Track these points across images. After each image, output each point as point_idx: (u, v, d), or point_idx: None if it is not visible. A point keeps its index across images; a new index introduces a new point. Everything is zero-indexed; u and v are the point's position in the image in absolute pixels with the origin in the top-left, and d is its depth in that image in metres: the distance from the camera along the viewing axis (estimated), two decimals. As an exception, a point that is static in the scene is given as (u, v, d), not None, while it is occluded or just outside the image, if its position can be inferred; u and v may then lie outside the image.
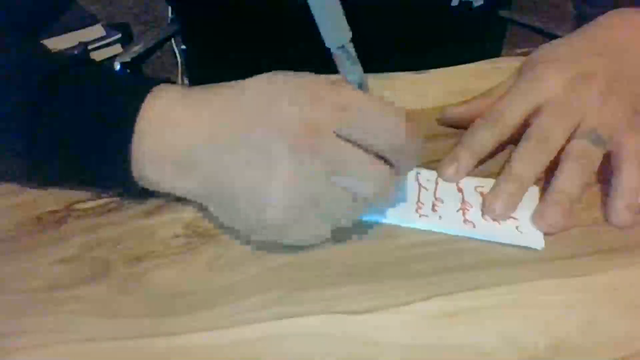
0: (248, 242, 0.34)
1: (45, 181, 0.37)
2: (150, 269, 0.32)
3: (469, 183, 0.37)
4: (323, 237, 0.32)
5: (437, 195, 0.37)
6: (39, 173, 0.36)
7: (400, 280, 0.31)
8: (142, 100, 0.32)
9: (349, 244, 0.34)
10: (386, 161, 0.31)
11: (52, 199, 0.37)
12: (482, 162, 0.39)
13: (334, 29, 0.29)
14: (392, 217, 0.35)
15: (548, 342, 0.28)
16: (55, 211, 0.36)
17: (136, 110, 0.32)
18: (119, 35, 1.50)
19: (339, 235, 0.34)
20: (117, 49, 1.49)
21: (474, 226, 0.34)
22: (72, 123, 0.33)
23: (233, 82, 0.33)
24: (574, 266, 0.32)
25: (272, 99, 0.31)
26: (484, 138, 0.38)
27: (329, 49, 0.32)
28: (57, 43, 1.36)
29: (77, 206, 0.36)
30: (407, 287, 0.31)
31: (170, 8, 1.00)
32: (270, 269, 0.32)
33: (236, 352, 0.28)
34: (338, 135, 0.30)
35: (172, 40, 1.41)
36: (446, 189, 0.37)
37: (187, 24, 0.74)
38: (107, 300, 0.31)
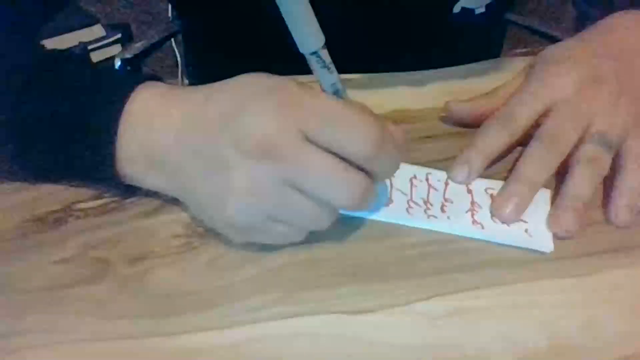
0: (248, 242, 0.34)
1: (37, 178, 0.37)
2: (150, 269, 0.32)
3: (479, 184, 0.37)
4: (297, 239, 0.32)
5: (446, 196, 0.36)
6: (29, 170, 0.36)
7: (400, 280, 0.31)
8: (123, 102, 0.33)
9: (349, 244, 0.34)
10: (364, 170, 0.30)
11: (52, 199, 0.37)
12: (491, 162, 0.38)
13: (306, 35, 0.29)
14: (400, 217, 0.35)
15: (548, 342, 0.28)
16: (55, 211, 0.36)
17: (118, 113, 0.33)
18: (119, 35, 1.50)
19: (339, 235, 0.34)
20: (117, 49, 1.49)
21: (483, 228, 0.34)
22: (56, 118, 0.33)
23: (208, 85, 0.33)
24: (574, 266, 0.32)
25: (239, 106, 0.30)
26: (496, 139, 0.38)
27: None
28: (57, 43, 1.36)
29: (77, 206, 0.36)
30: (407, 287, 0.31)
31: (170, 8, 1.00)
32: (270, 269, 0.32)
33: (236, 352, 0.28)
34: (310, 142, 0.29)
35: (172, 40, 1.41)
36: (456, 190, 0.37)
37: (187, 23, 0.74)
38: (107, 300, 0.31)
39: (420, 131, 0.43)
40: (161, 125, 0.32)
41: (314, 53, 0.30)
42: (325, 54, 0.30)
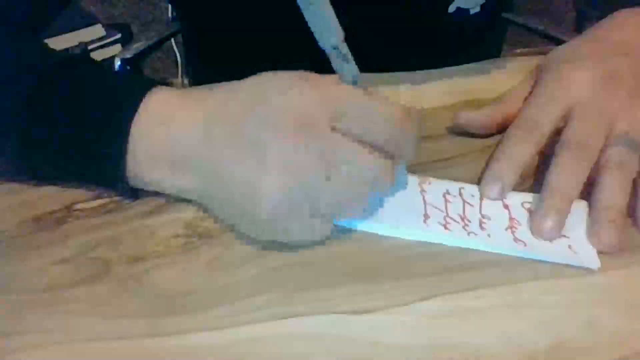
0: (248, 242, 0.34)
1: (40, 179, 0.37)
2: (150, 269, 0.32)
3: (515, 199, 0.36)
4: (324, 233, 0.32)
5: (483, 212, 0.35)
6: (34, 172, 0.36)
7: (400, 280, 0.31)
8: (138, 102, 0.33)
9: (349, 244, 0.34)
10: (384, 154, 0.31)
11: (52, 199, 0.37)
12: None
13: (326, 30, 0.29)
14: (439, 234, 0.34)
15: (548, 342, 0.28)
16: (55, 211, 0.36)
17: (132, 113, 0.32)
18: (119, 35, 1.51)
19: (339, 235, 0.34)
20: (117, 49, 1.49)
21: (525, 245, 0.33)
22: (67, 123, 0.33)
23: (229, 82, 0.33)
24: (574, 266, 0.32)
25: (263, 93, 0.31)
26: (523, 150, 0.36)
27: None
28: (57, 43, 1.36)
29: (77, 206, 0.36)
30: (407, 287, 0.31)
31: (170, 8, 1.00)
32: (270, 269, 0.32)
33: (236, 352, 0.28)
34: (332, 129, 0.30)
35: (172, 40, 1.41)
36: (491, 205, 0.36)
37: (187, 23, 0.74)
38: (107, 300, 0.31)
39: (421, 131, 0.43)
40: (183, 125, 0.32)
41: (335, 47, 0.30)
42: (344, 48, 0.30)
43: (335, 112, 0.30)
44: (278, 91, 0.30)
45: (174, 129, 0.32)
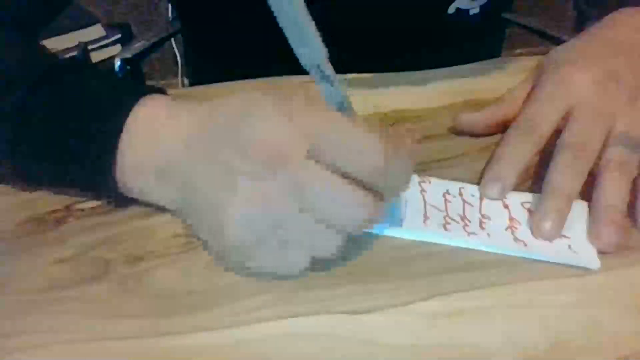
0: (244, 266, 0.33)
1: (33, 184, 0.37)
2: (150, 269, 0.32)
3: (515, 199, 0.36)
4: (298, 267, 0.30)
5: (483, 212, 0.35)
6: (24, 179, 0.36)
7: (400, 280, 0.31)
8: (127, 112, 0.33)
9: (349, 244, 0.33)
10: (370, 189, 0.29)
11: (52, 199, 0.37)
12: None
13: (307, 48, 0.28)
14: (438, 234, 0.34)
15: (548, 342, 0.28)
16: (55, 211, 0.36)
17: (121, 122, 0.32)
18: (119, 35, 1.50)
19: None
20: (117, 49, 1.49)
21: (525, 245, 0.33)
22: (57, 133, 0.33)
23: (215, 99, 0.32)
24: (574, 266, 0.32)
25: (245, 113, 0.29)
26: (523, 150, 0.36)
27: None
28: (57, 43, 1.36)
29: (77, 206, 0.36)
30: (407, 287, 0.31)
31: (170, 8, 1.00)
32: (270, 269, 0.32)
33: (236, 352, 0.28)
34: (314, 161, 0.28)
35: (172, 40, 1.41)
36: (492, 205, 0.36)
37: (187, 23, 0.74)
38: (107, 300, 0.31)
39: (420, 131, 0.43)
40: (169, 134, 0.32)
41: (317, 66, 0.28)
42: (327, 67, 0.28)
43: (313, 145, 0.28)
44: (259, 119, 0.29)
45: (159, 141, 0.32)
